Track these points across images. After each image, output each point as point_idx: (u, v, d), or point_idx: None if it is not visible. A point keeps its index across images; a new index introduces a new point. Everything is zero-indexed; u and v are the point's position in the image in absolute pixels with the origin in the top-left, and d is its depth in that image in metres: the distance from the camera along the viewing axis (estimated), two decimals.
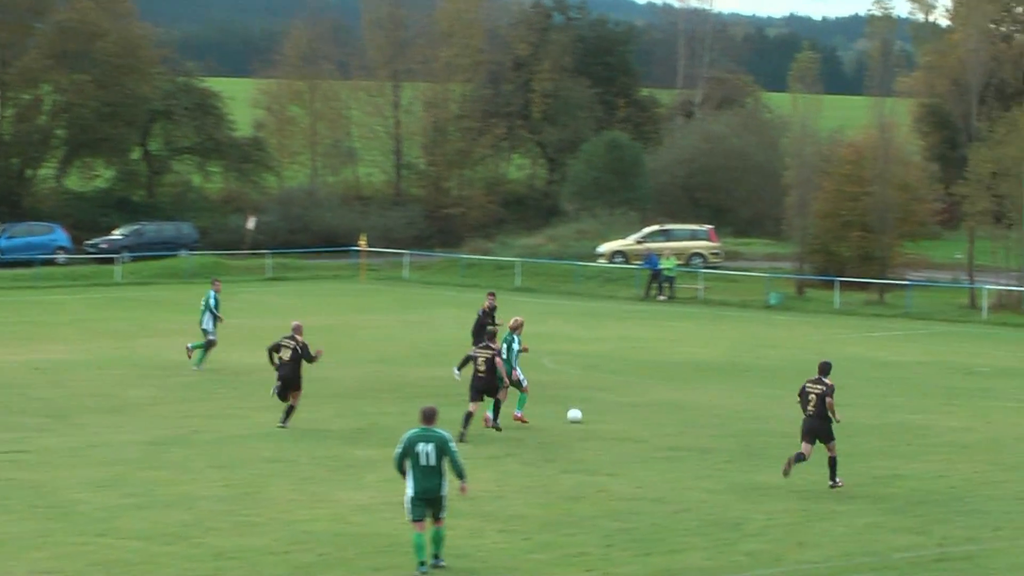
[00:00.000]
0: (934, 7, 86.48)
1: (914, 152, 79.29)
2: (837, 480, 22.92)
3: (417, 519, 18.32)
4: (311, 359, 27.67)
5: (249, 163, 79.56)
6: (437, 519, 18.43)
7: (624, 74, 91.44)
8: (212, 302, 36.39)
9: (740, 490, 22.23)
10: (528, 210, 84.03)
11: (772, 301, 59.69)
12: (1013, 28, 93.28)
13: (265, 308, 50.21)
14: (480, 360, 27.17)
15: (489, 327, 30.52)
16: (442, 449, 18.28)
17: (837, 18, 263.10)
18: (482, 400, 27.16)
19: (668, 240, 69.67)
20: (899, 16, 76.05)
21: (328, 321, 44.55)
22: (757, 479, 23.02)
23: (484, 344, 27.83)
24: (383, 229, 72.92)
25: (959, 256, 67.24)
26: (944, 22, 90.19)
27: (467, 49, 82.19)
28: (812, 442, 23.05)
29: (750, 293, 62.14)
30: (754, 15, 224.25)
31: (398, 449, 18.40)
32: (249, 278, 63.05)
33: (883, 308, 59.16)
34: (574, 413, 28.95)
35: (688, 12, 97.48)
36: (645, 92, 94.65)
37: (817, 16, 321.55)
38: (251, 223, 69.32)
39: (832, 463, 22.99)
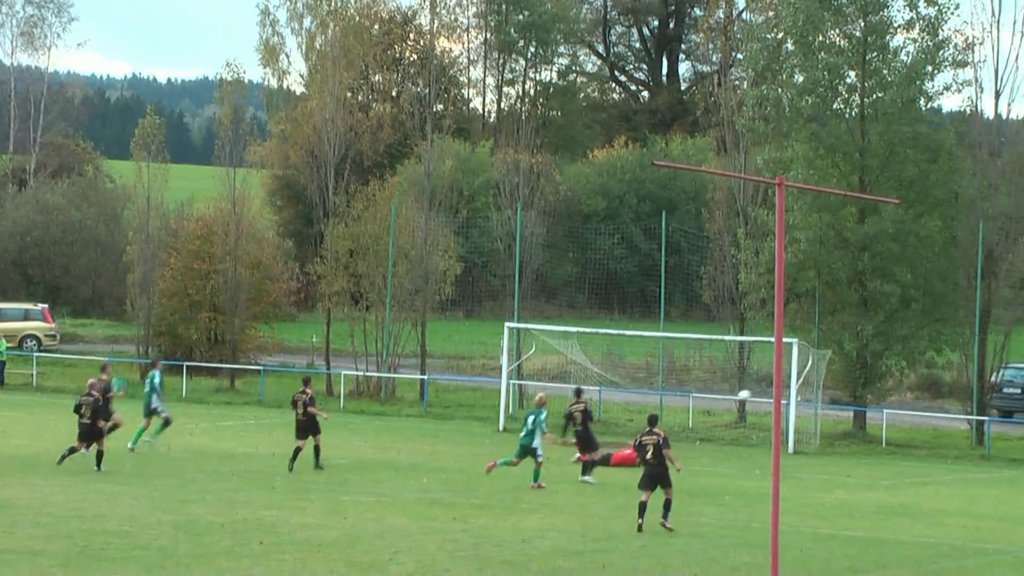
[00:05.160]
0: (288, 73, 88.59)
1: (268, 227, 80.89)
2: (667, 523, 29.21)
3: None
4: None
5: None
6: None
7: None
8: (157, 382, 40.67)
9: None
10: None
11: (115, 388, 59.02)
12: (371, 97, 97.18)
13: None
14: None
15: None
16: None
17: (184, 81, 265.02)
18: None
19: None
20: (251, 81, 77.49)
21: None
22: None
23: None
24: None
25: (316, 339, 68.93)
26: (299, 89, 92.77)
27: None
28: (652, 488, 29.61)
29: (89, 379, 61.26)
30: (93, 75, 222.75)
31: None
32: None
33: (234, 395, 59.83)
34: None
35: (20, 71, 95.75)
36: None
37: (163, 78, 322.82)
38: None
39: (667, 504, 29.42)
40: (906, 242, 53.72)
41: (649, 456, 29.94)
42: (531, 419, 36.84)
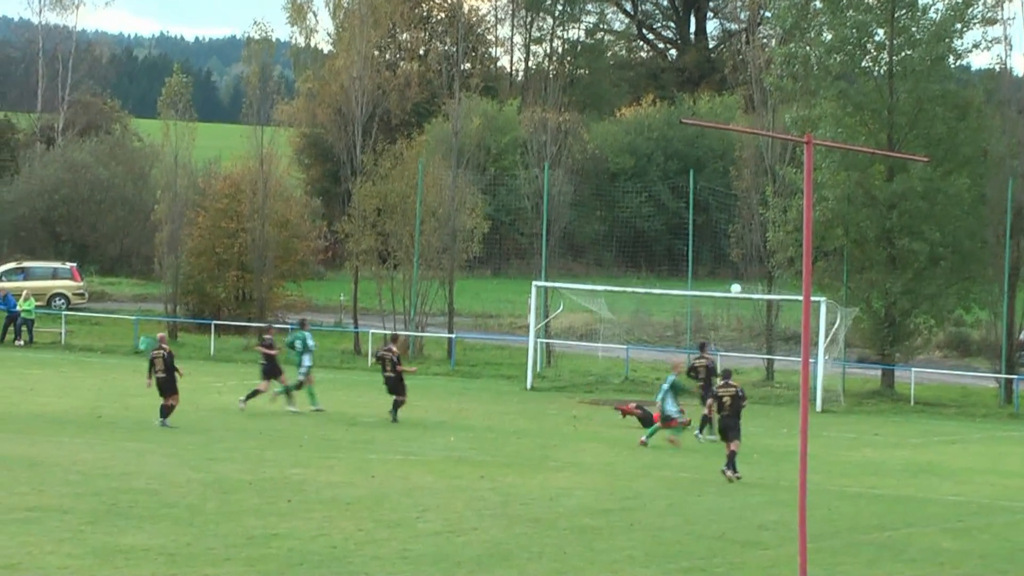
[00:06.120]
0: (316, 31, 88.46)
1: (296, 186, 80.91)
2: (735, 473, 30.42)
3: None
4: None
5: None
6: None
7: None
8: (312, 344, 42.33)
9: (103, 553, 21.81)
10: None
11: (142, 346, 59.18)
12: (399, 56, 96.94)
13: None
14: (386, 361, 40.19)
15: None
16: None
17: (212, 40, 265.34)
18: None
19: (27, 279, 68.19)
20: (279, 39, 77.45)
21: None
22: (122, 541, 22.65)
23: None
24: None
25: (344, 298, 68.95)
26: (326, 47, 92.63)
27: None
28: (728, 440, 30.82)
29: (117, 337, 61.51)
30: (121, 34, 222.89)
31: None
32: None
33: (257, 353, 59.75)
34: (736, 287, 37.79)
35: (48, 29, 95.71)
36: (1, 116, 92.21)
37: (190, 37, 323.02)
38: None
39: (731, 455, 30.54)
40: (934, 200, 53.47)
41: (725, 408, 31.25)
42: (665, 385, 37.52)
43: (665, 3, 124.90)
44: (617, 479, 31.15)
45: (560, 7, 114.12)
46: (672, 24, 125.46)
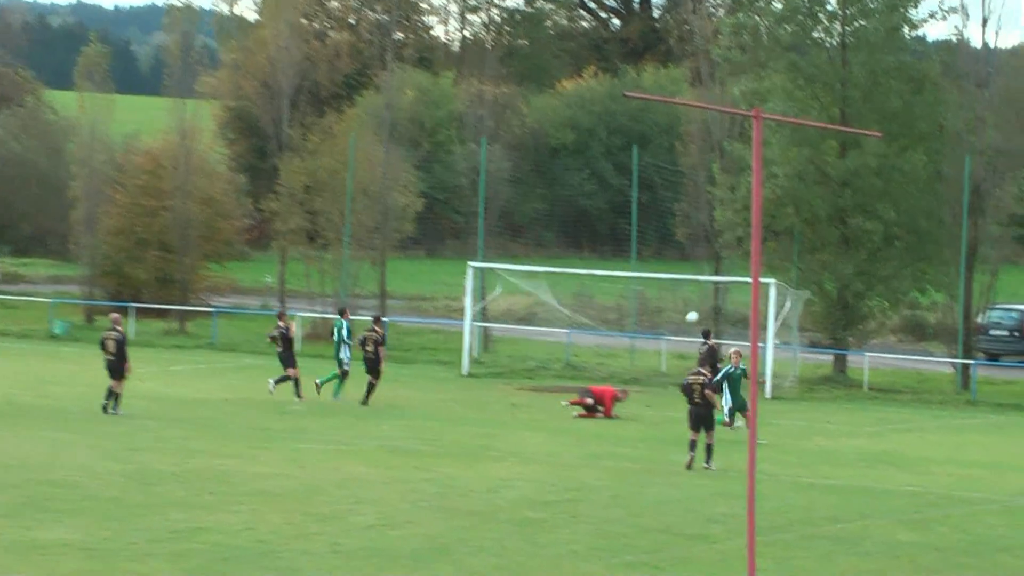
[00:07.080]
0: None
1: (219, 162, 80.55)
2: (711, 465, 31.31)
3: None
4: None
5: None
6: None
7: None
8: (345, 333, 42.00)
9: (19, 549, 21.71)
10: None
11: (57, 331, 58.97)
12: (328, 25, 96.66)
13: None
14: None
15: None
16: None
17: (131, 8, 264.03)
18: None
19: None
20: (201, 8, 77.15)
21: None
22: (39, 536, 22.54)
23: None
24: None
25: (270, 280, 68.78)
26: (252, 16, 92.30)
27: None
28: (698, 430, 31.21)
29: (32, 321, 61.18)
30: (35, 1, 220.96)
31: None
32: None
33: (185, 338, 59.68)
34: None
35: None
36: None
37: (108, 4, 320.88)
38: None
39: (709, 449, 31.39)
40: (889, 177, 53.77)
41: (696, 397, 31.43)
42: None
43: None
44: (559, 469, 31.23)
45: None
46: None
